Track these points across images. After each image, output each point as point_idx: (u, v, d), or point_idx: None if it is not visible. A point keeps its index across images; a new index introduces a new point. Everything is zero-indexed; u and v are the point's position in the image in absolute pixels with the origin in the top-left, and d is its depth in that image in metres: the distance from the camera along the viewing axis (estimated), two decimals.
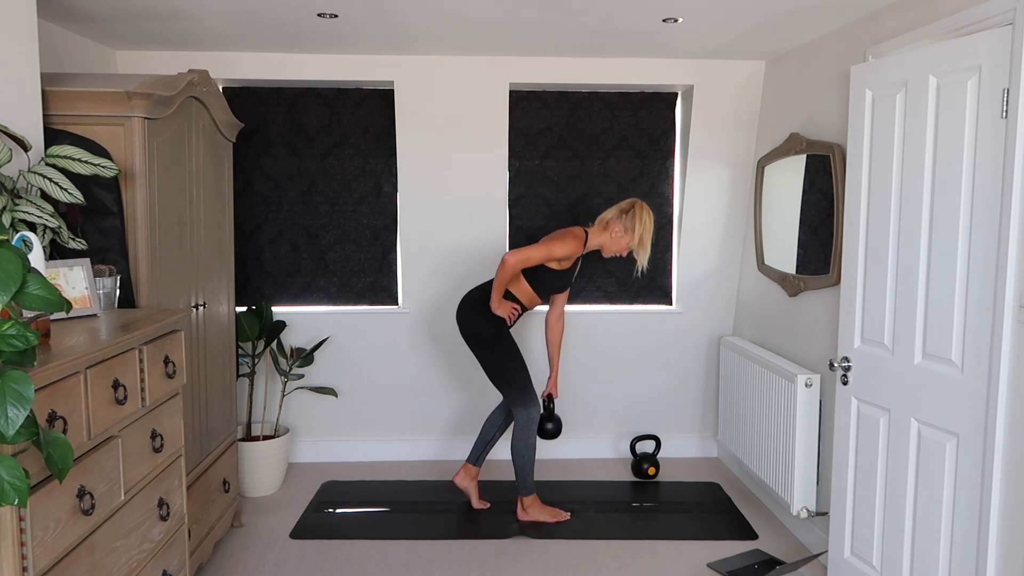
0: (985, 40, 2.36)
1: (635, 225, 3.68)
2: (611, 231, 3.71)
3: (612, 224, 3.71)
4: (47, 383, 1.78)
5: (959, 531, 2.52)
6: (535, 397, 3.76)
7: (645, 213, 3.70)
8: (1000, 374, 2.33)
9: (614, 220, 3.71)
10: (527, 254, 3.60)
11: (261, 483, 4.15)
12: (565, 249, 3.64)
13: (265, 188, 4.56)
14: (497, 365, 3.75)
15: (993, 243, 2.36)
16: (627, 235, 3.70)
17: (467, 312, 3.81)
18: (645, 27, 3.57)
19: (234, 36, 3.81)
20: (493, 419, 3.99)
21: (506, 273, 3.61)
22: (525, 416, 3.73)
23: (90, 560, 1.97)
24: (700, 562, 3.46)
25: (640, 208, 3.70)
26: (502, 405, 3.99)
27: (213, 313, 3.42)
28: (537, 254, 3.62)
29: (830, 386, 3.46)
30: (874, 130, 2.82)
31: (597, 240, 3.74)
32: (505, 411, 3.98)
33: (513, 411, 3.75)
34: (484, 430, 3.98)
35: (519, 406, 3.73)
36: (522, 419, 3.74)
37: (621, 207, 3.73)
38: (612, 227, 3.71)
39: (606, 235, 3.73)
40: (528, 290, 3.77)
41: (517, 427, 3.76)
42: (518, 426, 3.75)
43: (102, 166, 2.53)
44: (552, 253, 3.63)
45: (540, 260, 3.64)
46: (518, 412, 3.73)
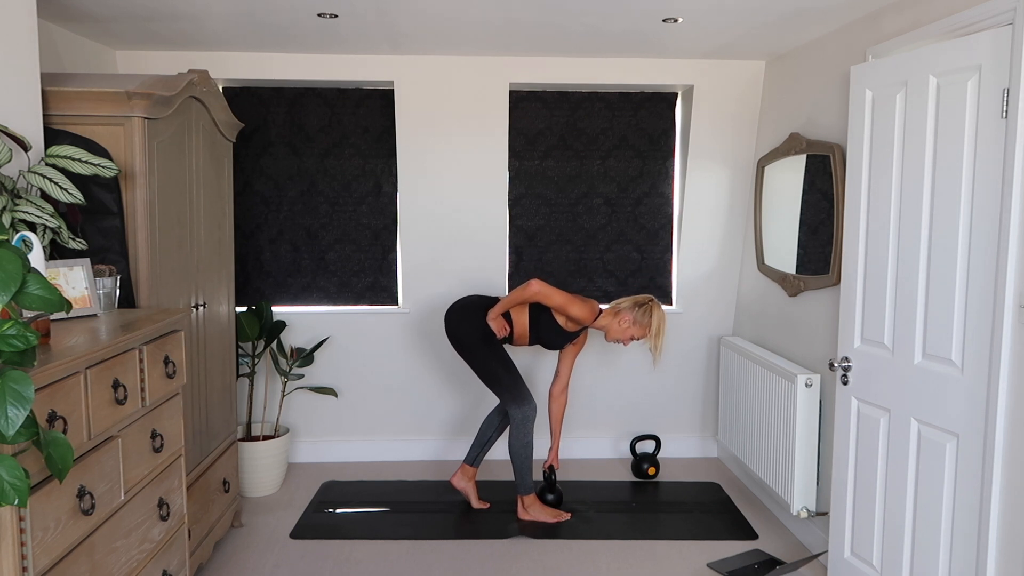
0: (985, 40, 2.36)
1: (646, 322, 3.74)
2: (620, 319, 3.77)
3: (623, 313, 3.77)
4: (47, 383, 1.78)
5: (959, 531, 2.52)
6: (528, 395, 3.76)
7: (659, 312, 3.77)
8: (1000, 374, 2.33)
9: (626, 310, 3.77)
10: (550, 292, 3.66)
11: (261, 483, 4.15)
12: (580, 312, 3.69)
13: (265, 188, 4.56)
14: (486, 367, 3.78)
15: (993, 243, 2.36)
16: (634, 328, 3.75)
17: (457, 317, 3.83)
18: (645, 27, 3.57)
19: (234, 36, 3.81)
20: (491, 420, 4.00)
21: (524, 296, 3.67)
22: (520, 415, 3.74)
23: (90, 560, 1.97)
24: (700, 562, 3.46)
25: (655, 307, 3.77)
26: (499, 407, 3.99)
27: (213, 313, 3.42)
28: (557, 299, 3.67)
29: (830, 386, 3.46)
30: (874, 130, 2.82)
31: (605, 322, 3.79)
32: (502, 412, 3.98)
33: (508, 410, 3.76)
34: (481, 431, 3.99)
35: (513, 405, 3.74)
36: (517, 418, 3.74)
37: (637, 300, 3.79)
38: (622, 316, 3.77)
39: (614, 321, 3.78)
40: (524, 324, 3.81)
41: (513, 426, 3.76)
42: (514, 425, 3.76)
43: (102, 166, 2.53)
44: (569, 308, 3.68)
45: (555, 306, 3.69)
46: (512, 411, 3.74)
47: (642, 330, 3.75)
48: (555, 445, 4.08)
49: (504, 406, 3.79)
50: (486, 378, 3.79)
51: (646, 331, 3.75)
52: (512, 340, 3.86)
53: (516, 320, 3.81)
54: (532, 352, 4.67)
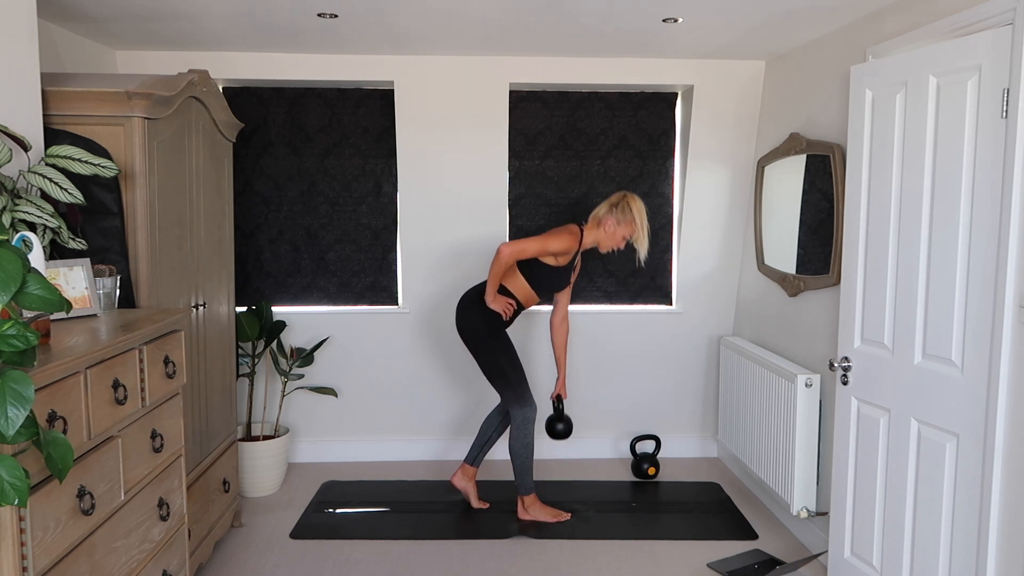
0: (985, 40, 2.36)
1: (628, 216, 3.70)
2: (604, 226, 3.73)
3: (605, 219, 3.73)
4: (47, 383, 1.78)
5: (959, 531, 2.52)
6: (531, 396, 3.76)
7: (636, 203, 3.72)
8: (1000, 374, 2.33)
9: (606, 215, 3.73)
10: (522, 246, 3.61)
11: (261, 483, 4.15)
12: (560, 244, 3.64)
13: (265, 188, 4.56)
14: (492, 363, 3.75)
15: (993, 243, 2.36)
16: (621, 227, 3.71)
17: (464, 309, 3.81)
18: (645, 27, 3.57)
19: (234, 36, 3.81)
20: (491, 420, 3.99)
21: (500, 264, 3.61)
22: (521, 415, 3.73)
23: (90, 560, 1.97)
24: (700, 562, 3.46)
25: (631, 199, 3.72)
26: (500, 406, 3.99)
27: (213, 313, 3.42)
28: (532, 246, 3.62)
29: (830, 386, 3.46)
30: (874, 130, 2.82)
31: (592, 237, 3.76)
32: (503, 412, 3.98)
33: (509, 410, 3.75)
34: (482, 431, 3.98)
35: (515, 405, 3.73)
36: (518, 418, 3.74)
37: (611, 201, 3.75)
38: (605, 222, 3.73)
39: (600, 231, 3.74)
40: (524, 286, 3.76)
41: (514, 426, 3.76)
42: (515, 425, 3.75)
43: (102, 166, 2.53)
44: (547, 247, 3.64)
45: (535, 253, 3.64)
46: (514, 411, 3.74)
47: (629, 227, 3.70)
48: (562, 374, 4.06)
49: (505, 405, 3.79)
50: (491, 374, 3.77)
51: (633, 226, 3.70)
52: (523, 307, 3.81)
53: (514, 288, 3.76)
54: (532, 353, 4.67)
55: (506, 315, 3.75)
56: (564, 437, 4.01)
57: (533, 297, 3.82)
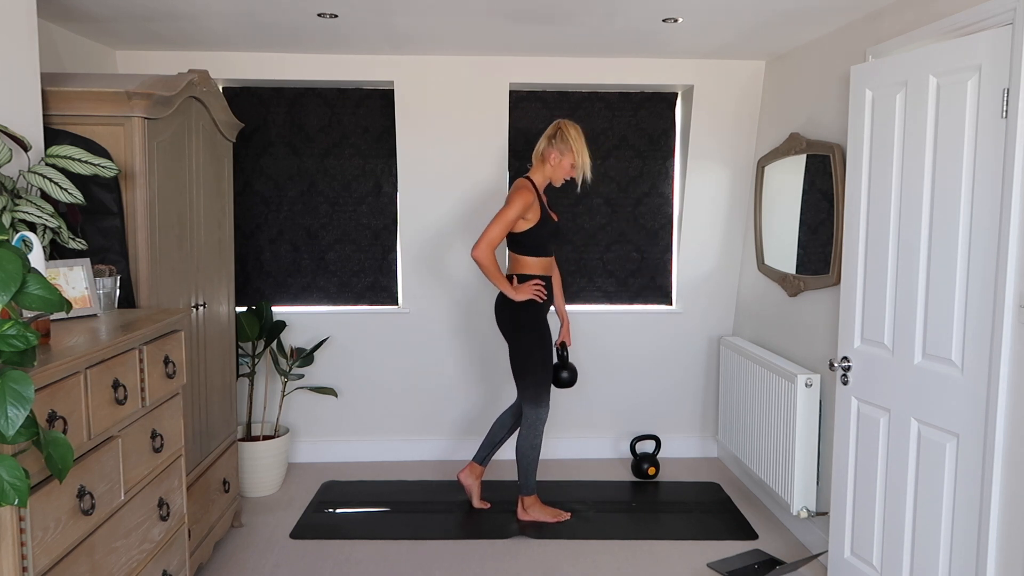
0: (985, 40, 2.36)
1: (568, 144, 3.67)
2: (549, 160, 3.70)
3: (547, 153, 3.70)
4: (47, 383, 1.78)
5: (959, 531, 2.52)
6: (548, 400, 3.73)
7: (571, 128, 3.68)
8: (1000, 374, 2.33)
9: (547, 149, 3.70)
10: (488, 237, 3.54)
11: (261, 483, 4.15)
12: (518, 206, 3.58)
13: (265, 188, 4.56)
14: (523, 355, 3.69)
15: (993, 243, 2.36)
16: (565, 157, 3.68)
17: (501, 308, 3.75)
18: (645, 27, 3.57)
19: (234, 36, 3.81)
20: (503, 421, 3.97)
21: (485, 266, 3.55)
22: (534, 415, 3.72)
23: (90, 560, 1.97)
24: (700, 562, 3.46)
25: (565, 125, 3.69)
26: (513, 407, 3.96)
27: (213, 313, 3.42)
28: (497, 229, 3.55)
29: (830, 386, 3.46)
30: (874, 130, 2.82)
31: (540, 176, 3.73)
32: (515, 415, 3.94)
33: (523, 407, 3.73)
34: (493, 431, 3.96)
35: (531, 403, 3.71)
36: (531, 418, 3.73)
37: (547, 134, 3.72)
38: (548, 156, 3.70)
39: (547, 167, 3.72)
40: (530, 260, 3.71)
41: (524, 426, 3.75)
42: (526, 425, 3.74)
43: (102, 166, 2.53)
44: (508, 217, 3.57)
45: (504, 231, 3.57)
46: (528, 409, 3.72)
47: (570, 153, 3.67)
48: (564, 322, 4.03)
49: (521, 400, 3.74)
50: (519, 366, 3.70)
51: (572, 151, 3.67)
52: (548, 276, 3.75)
53: (526, 267, 3.71)
54: None
55: (541, 297, 3.68)
56: (569, 385, 3.94)
57: (544, 261, 3.75)
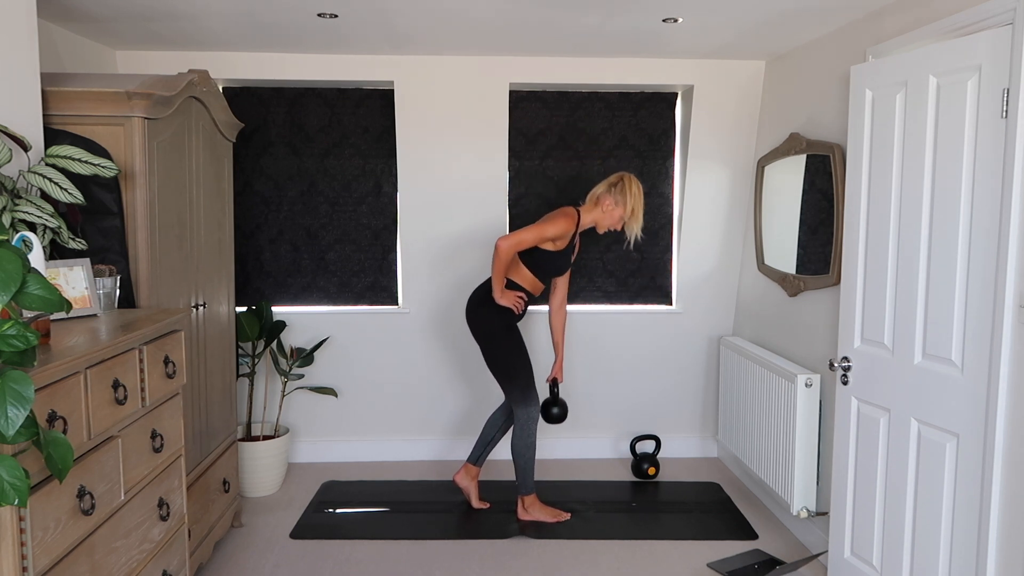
0: (985, 40, 2.36)
1: (625, 198, 3.69)
2: (602, 205, 3.72)
3: (603, 199, 3.72)
4: (47, 383, 1.78)
5: (959, 531, 2.52)
6: (537, 397, 3.75)
7: (634, 184, 3.71)
8: (1000, 374, 2.33)
9: (604, 194, 3.72)
10: (519, 237, 3.59)
11: (261, 483, 4.15)
12: (557, 228, 3.63)
13: (265, 188, 4.56)
14: (502, 360, 3.74)
15: (993, 243, 2.36)
16: (619, 208, 3.70)
17: (475, 307, 3.79)
18: (645, 27, 3.57)
19: (234, 36, 3.81)
20: (494, 420, 3.99)
21: (501, 259, 3.59)
22: (525, 415, 3.73)
23: (90, 560, 1.97)
24: (700, 562, 3.46)
25: (629, 180, 3.71)
26: (503, 406, 3.98)
27: (213, 313, 3.42)
28: (529, 236, 3.61)
29: (830, 386, 3.46)
30: (874, 130, 2.82)
31: (590, 217, 3.74)
32: (506, 412, 3.97)
33: (514, 409, 3.75)
34: (485, 430, 3.98)
35: (520, 404, 3.73)
36: (522, 418, 3.73)
37: (610, 181, 3.74)
38: (603, 201, 3.72)
39: (598, 210, 3.73)
40: (529, 275, 3.75)
41: (517, 426, 3.75)
42: (518, 425, 3.75)
43: (102, 166, 2.53)
44: (544, 234, 3.62)
45: (533, 242, 3.63)
46: (518, 410, 3.73)
47: (625, 208, 3.69)
48: (559, 358, 4.06)
49: (510, 403, 3.77)
50: (500, 372, 3.75)
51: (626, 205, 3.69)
52: (533, 295, 3.79)
53: (520, 278, 3.74)
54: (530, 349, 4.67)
55: (518, 309, 3.73)
56: (559, 421, 3.99)
57: (539, 285, 3.80)
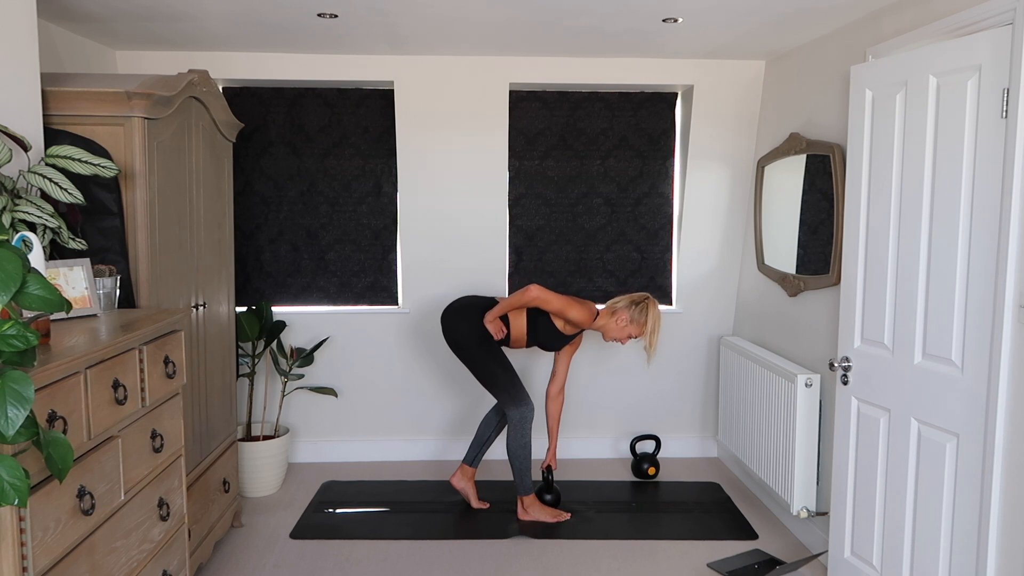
0: (985, 40, 2.36)
1: (642, 319, 3.73)
2: (617, 318, 3.75)
3: (620, 313, 3.75)
4: (47, 383, 1.78)
5: (959, 531, 2.52)
6: (526, 396, 3.76)
7: (654, 310, 3.75)
8: (1000, 374, 2.33)
9: (623, 309, 3.75)
10: (549, 297, 3.65)
11: (261, 483, 4.15)
12: (578, 316, 3.69)
13: (265, 188, 4.56)
14: (484, 368, 3.77)
15: (993, 243, 2.36)
16: (631, 326, 3.74)
17: (452, 320, 3.82)
18: (645, 27, 3.57)
19: (234, 36, 3.81)
20: (488, 420, 3.99)
21: (523, 301, 3.66)
22: (518, 415, 3.74)
23: (90, 560, 1.97)
24: (700, 562, 3.46)
25: (651, 304, 3.76)
26: (497, 406, 3.99)
27: (213, 313, 3.42)
28: (556, 303, 3.66)
29: (830, 386, 3.46)
30: (874, 130, 2.82)
31: (602, 322, 3.78)
32: (500, 412, 3.98)
33: (505, 412, 3.76)
34: (479, 431, 3.99)
35: (510, 406, 3.74)
36: (515, 419, 3.74)
37: (632, 298, 3.77)
38: (619, 315, 3.75)
39: (611, 321, 3.76)
40: (522, 328, 3.81)
41: (510, 427, 3.76)
42: (511, 426, 3.76)
43: (102, 166, 2.53)
44: (567, 311, 3.68)
45: (554, 311, 3.69)
46: (510, 412, 3.74)
47: (639, 328, 3.74)
48: (553, 445, 4.08)
49: (502, 407, 3.79)
50: (484, 379, 3.79)
51: (643, 329, 3.74)
52: (509, 343, 3.85)
53: (513, 323, 3.80)
54: (528, 352, 4.67)
55: (496, 338, 3.78)
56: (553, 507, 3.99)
57: (522, 341, 3.85)
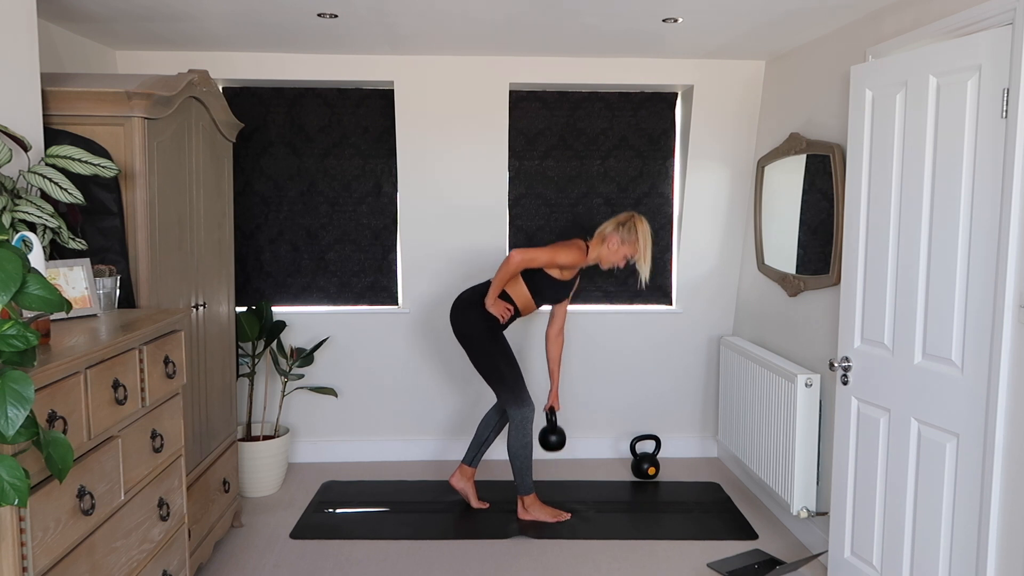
0: (985, 40, 2.36)
1: (633, 237, 3.71)
2: (608, 243, 3.74)
3: (610, 237, 3.73)
4: (47, 383, 1.78)
5: (959, 531, 2.52)
6: (528, 396, 3.75)
7: (642, 225, 3.73)
8: (1000, 374, 2.33)
9: (611, 233, 3.74)
10: (533, 254, 3.63)
11: (261, 483, 4.15)
12: (569, 257, 3.67)
13: (265, 188, 4.56)
14: (489, 364, 3.75)
15: (993, 243, 2.36)
16: (624, 247, 3.72)
17: (460, 310, 3.82)
18: (645, 27, 3.57)
19: (234, 36, 3.81)
20: (488, 420, 3.99)
21: (509, 270, 3.63)
22: (519, 415, 3.73)
23: (90, 560, 1.97)
24: (700, 562, 3.46)
25: (638, 220, 3.73)
26: (497, 406, 3.99)
27: (213, 313, 3.42)
28: (542, 256, 3.65)
29: (830, 386, 3.46)
30: (874, 130, 2.82)
31: (595, 253, 3.77)
32: (500, 411, 3.97)
33: (507, 410, 3.75)
34: (479, 431, 3.98)
35: (513, 405, 3.73)
36: (516, 418, 3.74)
37: (618, 219, 3.75)
38: (609, 240, 3.73)
39: (604, 247, 3.75)
40: (525, 294, 3.78)
41: (512, 427, 3.76)
42: (513, 425, 3.75)
43: (102, 166, 2.53)
44: (556, 258, 3.66)
45: (544, 263, 3.67)
46: (512, 411, 3.74)
47: (632, 247, 3.71)
48: (555, 386, 4.08)
49: (503, 405, 3.79)
50: (489, 375, 3.77)
51: (636, 247, 3.71)
52: (520, 314, 3.83)
53: (515, 294, 3.77)
54: (529, 357, 4.67)
55: (503, 319, 3.77)
56: (557, 449, 4.04)
57: (531, 305, 3.83)
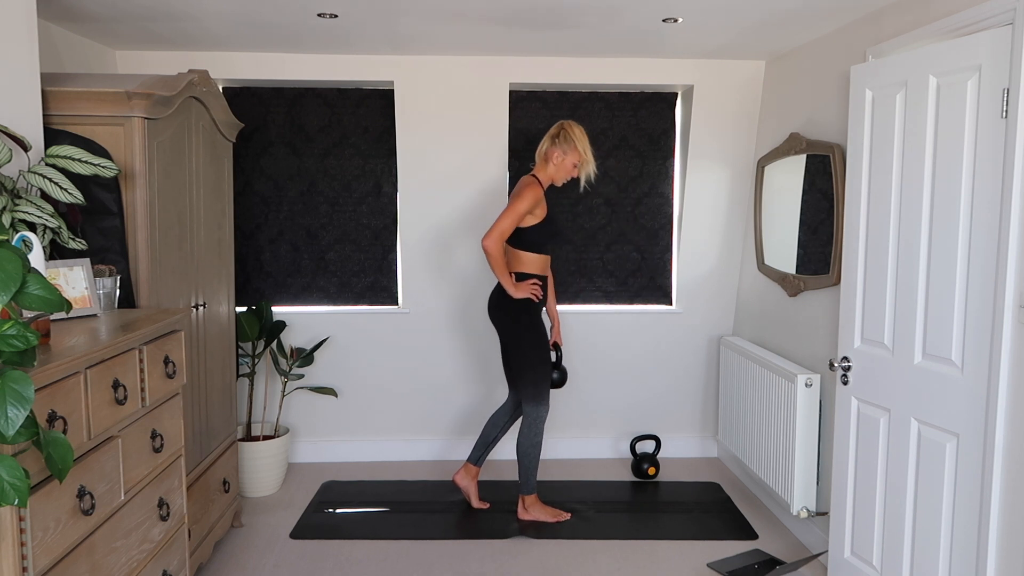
0: (985, 40, 2.36)
1: (570, 144, 3.67)
2: (552, 160, 3.71)
3: (550, 152, 3.71)
4: (47, 383, 1.78)
5: (959, 531, 2.52)
6: (548, 396, 3.73)
7: (575, 128, 3.70)
8: (1000, 374, 2.33)
9: (551, 148, 3.71)
10: (499, 228, 3.56)
11: (261, 483, 4.15)
12: (528, 201, 3.60)
13: (265, 188, 4.56)
14: (522, 355, 3.70)
15: (993, 243, 2.36)
16: (567, 156, 3.69)
17: (497, 306, 3.76)
18: (645, 27, 3.57)
19: (234, 36, 3.81)
20: (495, 420, 3.97)
21: (494, 258, 3.56)
22: (535, 413, 3.72)
23: (90, 560, 1.97)
24: (700, 562, 3.46)
25: (568, 126, 3.70)
26: (505, 407, 3.97)
27: (213, 313, 3.42)
28: (508, 221, 3.58)
29: (830, 386, 3.46)
30: (874, 130, 2.82)
31: (544, 175, 3.73)
32: (508, 413, 3.96)
33: (524, 406, 3.73)
34: (486, 431, 3.97)
35: (532, 401, 3.71)
36: (532, 415, 3.72)
37: (550, 134, 3.73)
38: (551, 155, 3.70)
39: (550, 165, 3.72)
40: (531, 258, 3.72)
41: (525, 424, 3.74)
42: (526, 423, 3.74)
43: (102, 166, 2.53)
44: (519, 211, 3.59)
45: (513, 224, 3.60)
46: (529, 408, 3.72)
47: (575, 153, 3.68)
48: (555, 322, 4.02)
49: (522, 400, 3.74)
50: (518, 367, 3.71)
51: (577, 150, 3.68)
52: (544, 276, 3.76)
53: (526, 266, 3.71)
54: None
55: (537, 297, 3.69)
56: (559, 386, 3.96)
57: (545, 261, 3.77)
